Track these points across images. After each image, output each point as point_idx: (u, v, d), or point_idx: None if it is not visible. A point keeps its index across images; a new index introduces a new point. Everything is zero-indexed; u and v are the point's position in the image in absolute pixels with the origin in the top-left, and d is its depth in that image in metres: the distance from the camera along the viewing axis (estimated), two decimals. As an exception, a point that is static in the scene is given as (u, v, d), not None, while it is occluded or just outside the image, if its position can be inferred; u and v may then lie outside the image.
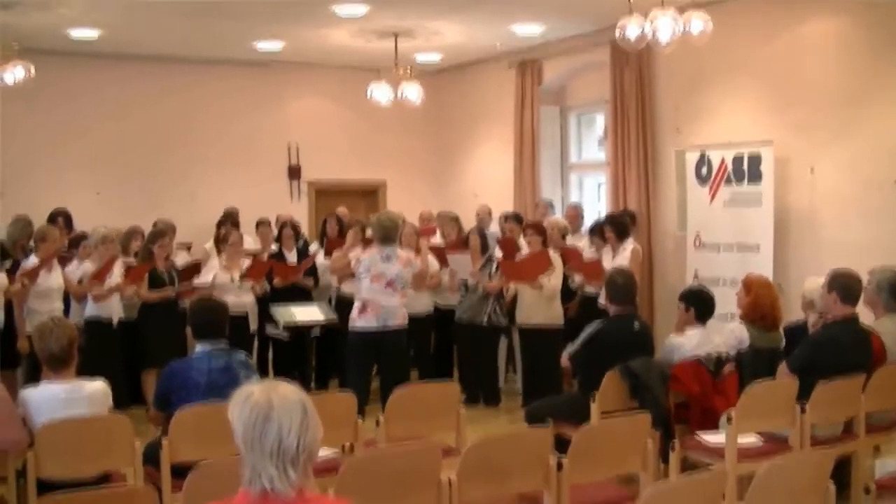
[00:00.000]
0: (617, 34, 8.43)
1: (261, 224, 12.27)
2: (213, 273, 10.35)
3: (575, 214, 12.21)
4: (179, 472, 5.24)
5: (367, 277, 8.80)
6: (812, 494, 4.71)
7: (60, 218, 11.47)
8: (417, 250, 10.85)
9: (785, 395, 6.54)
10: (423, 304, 11.00)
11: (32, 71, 10.87)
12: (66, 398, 5.62)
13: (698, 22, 8.19)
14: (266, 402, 3.02)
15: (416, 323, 10.92)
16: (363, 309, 8.84)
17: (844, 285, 6.85)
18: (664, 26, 8.11)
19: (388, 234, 8.91)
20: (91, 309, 9.77)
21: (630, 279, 7.61)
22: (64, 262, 9.94)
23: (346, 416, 6.35)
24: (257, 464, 3.00)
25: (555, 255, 10.29)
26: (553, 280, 10.16)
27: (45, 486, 5.36)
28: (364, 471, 4.73)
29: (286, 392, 3.07)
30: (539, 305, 10.24)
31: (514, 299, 10.63)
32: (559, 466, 5.23)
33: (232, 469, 3.15)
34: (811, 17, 10.12)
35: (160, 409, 6.17)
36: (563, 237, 11.14)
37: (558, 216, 12.31)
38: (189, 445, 5.72)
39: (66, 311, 9.64)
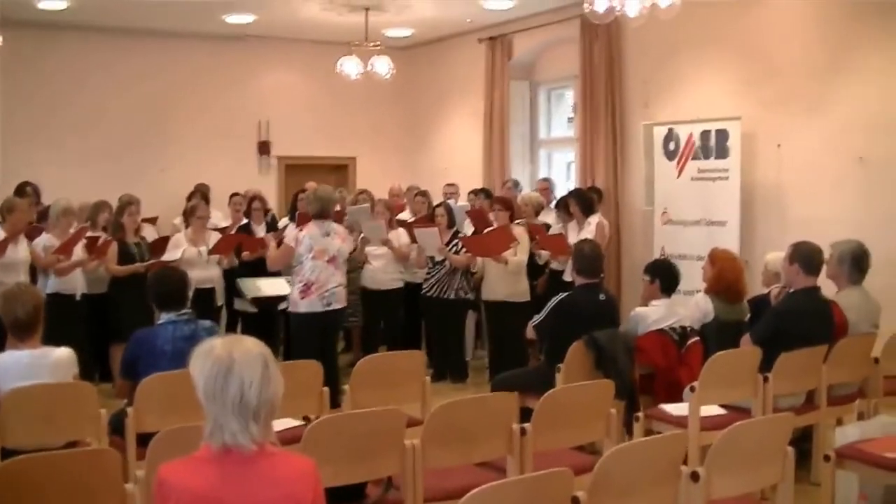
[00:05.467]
0: (585, 7, 8.42)
1: (234, 196, 12.27)
2: (182, 249, 10.27)
3: (545, 188, 12.25)
4: (145, 441, 5.22)
5: (309, 256, 8.70)
6: (772, 458, 4.76)
7: (30, 188, 11.39)
8: (390, 225, 10.89)
9: (748, 366, 6.59)
10: (393, 279, 11.05)
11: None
12: (29, 363, 5.56)
13: (666, -5, 8.20)
14: (227, 355, 3.03)
15: (386, 298, 11.00)
16: (306, 290, 8.72)
17: (806, 256, 6.90)
18: (632, -1, 8.11)
19: (327, 206, 8.86)
20: (53, 284, 9.68)
21: (597, 250, 7.64)
22: (33, 234, 9.89)
23: (311, 385, 6.36)
24: (219, 417, 3.02)
25: (521, 230, 10.30)
26: (519, 255, 10.16)
27: (9, 456, 5.30)
28: (328, 435, 4.72)
29: (248, 346, 3.09)
30: (504, 280, 10.23)
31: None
32: (522, 433, 5.26)
33: (196, 435, 3.16)
34: (780, -8, 10.19)
35: (126, 377, 6.15)
36: (537, 213, 11.15)
37: (532, 192, 12.31)
38: (155, 414, 5.71)
39: (33, 284, 9.57)
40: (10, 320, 5.67)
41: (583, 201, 10.51)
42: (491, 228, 10.42)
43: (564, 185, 13.75)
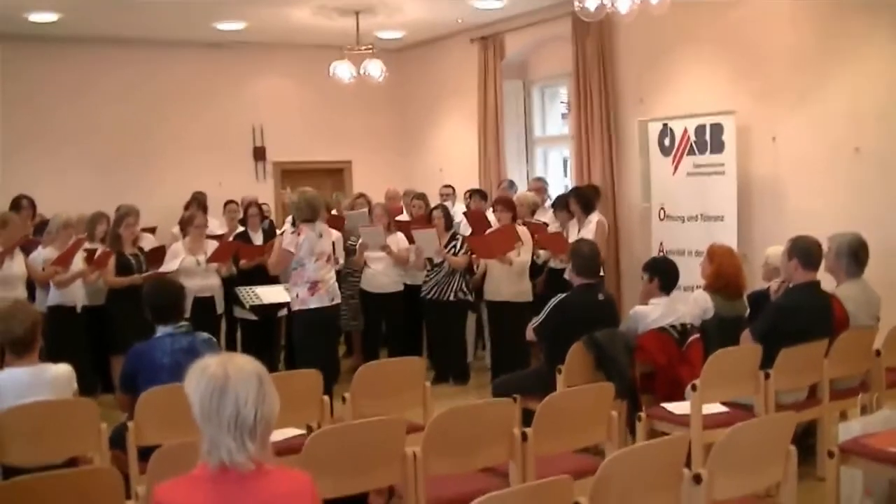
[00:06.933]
0: (576, 5, 8.41)
1: (228, 203, 12.26)
2: (180, 259, 10.26)
3: (539, 188, 12.22)
4: (147, 454, 5.19)
5: (312, 259, 8.92)
6: (774, 458, 4.73)
7: (26, 201, 11.36)
8: (388, 229, 10.88)
9: (749, 362, 6.57)
10: (394, 281, 11.06)
11: (-8, 56, 10.75)
12: (29, 382, 5.54)
13: (657, -10, 8.19)
14: (222, 373, 3.02)
15: (386, 301, 11.00)
16: (314, 288, 8.93)
17: (805, 251, 6.88)
18: (623, -5, 8.10)
19: (318, 209, 9.07)
20: (54, 296, 9.72)
21: (595, 250, 7.62)
22: (30, 248, 9.86)
23: (311, 394, 6.33)
24: (215, 436, 3.00)
25: (524, 230, 10.28)
26: (523, 255, 10.14)
27: (10, 473, 5.29)
28: (328, 445, 4.71)
29: (242, 363, 3.07)
30: (508, 280, 10.20)
31: (484, 275, 10.62)
32: (524, 438, 5.23)
33: (195, 450, 3.13)
34: (770, -16, 10.17)
35: (126, 391, 6.12)
36: (532, 213, 11.12)
37: (526, 191, 12.28)
38: (155, 427, 5.68)
39: (31, 299, 9.53)
40: (7, 338, 5.63)
41: (583, 199, 10.48)
42: (494, 228, 10.39)
43: (561, 182, 13.75)
